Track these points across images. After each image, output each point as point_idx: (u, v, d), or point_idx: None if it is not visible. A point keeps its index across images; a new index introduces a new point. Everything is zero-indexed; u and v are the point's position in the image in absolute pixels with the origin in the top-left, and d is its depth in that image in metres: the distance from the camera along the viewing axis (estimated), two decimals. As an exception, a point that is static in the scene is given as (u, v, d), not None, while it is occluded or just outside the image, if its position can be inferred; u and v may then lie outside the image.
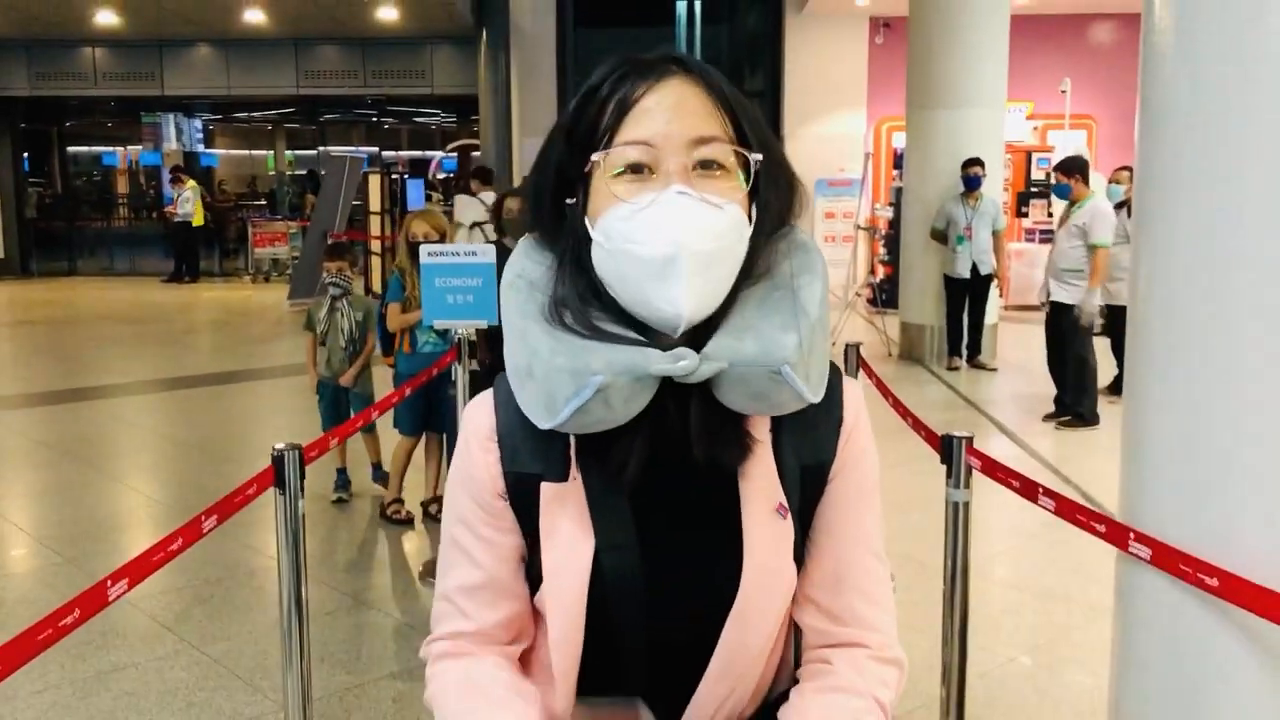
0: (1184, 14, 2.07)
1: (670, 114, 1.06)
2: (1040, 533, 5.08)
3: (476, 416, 1.18)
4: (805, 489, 1.16)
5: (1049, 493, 2.47)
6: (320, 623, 4.06)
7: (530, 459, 1.13)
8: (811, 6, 14.32)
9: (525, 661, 1.23)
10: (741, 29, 16.53)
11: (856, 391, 1.20)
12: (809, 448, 1.15)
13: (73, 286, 17.60)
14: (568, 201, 1.12)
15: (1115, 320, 7.43)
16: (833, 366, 1.16)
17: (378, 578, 4.71)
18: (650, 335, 1.07)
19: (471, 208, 11.12)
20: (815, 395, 1.07)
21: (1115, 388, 7.52)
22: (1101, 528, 2.25)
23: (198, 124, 26.89)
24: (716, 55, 15.90)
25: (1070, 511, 2.37)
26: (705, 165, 1.07)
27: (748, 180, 1.09)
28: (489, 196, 11.11)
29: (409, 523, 5.27)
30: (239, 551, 4.83)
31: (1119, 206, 7.62)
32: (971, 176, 9.07)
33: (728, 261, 1.07)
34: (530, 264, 1.15)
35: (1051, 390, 7.55)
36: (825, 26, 14.63)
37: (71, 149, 23.67)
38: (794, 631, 1.25)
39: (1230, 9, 1.96)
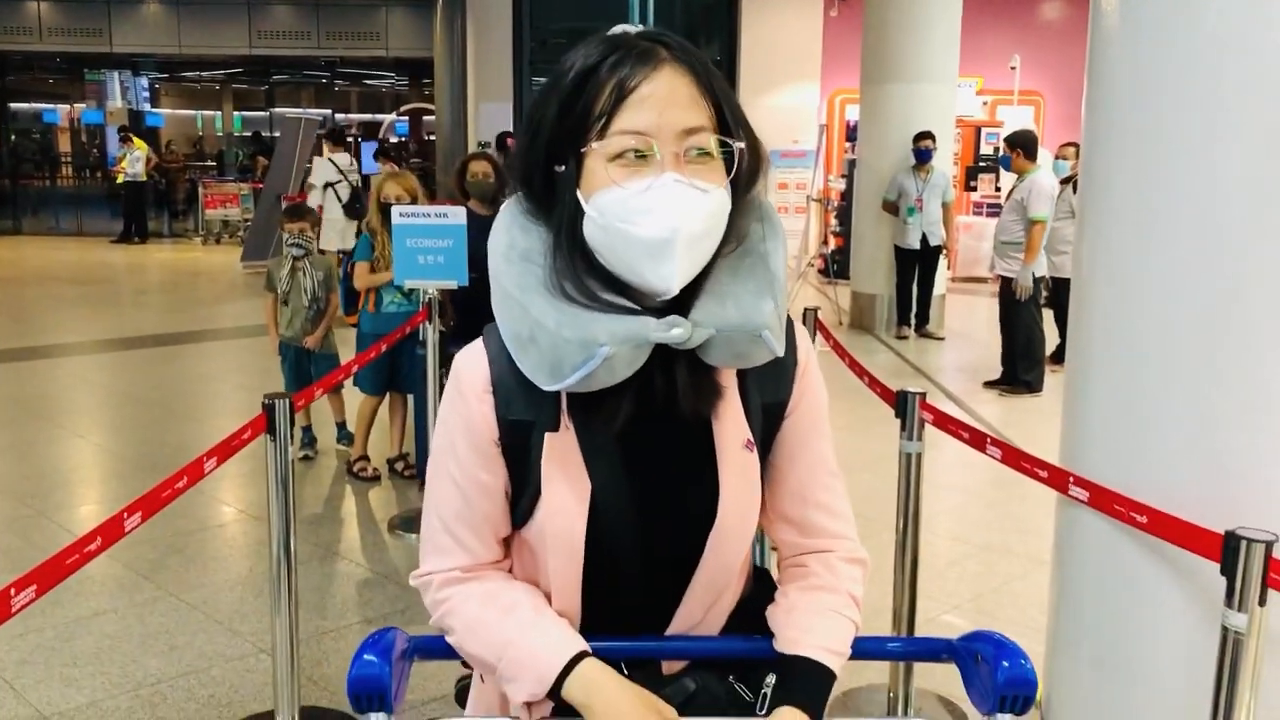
0: None
1: (664, 104, 1.16)
2: (983, 491, 5.33)
3: (472, 368, 1.29)
4: (766, 424, 1.33)
5: (996, 442, 2.67)
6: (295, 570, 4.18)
7: (524, 408, 1.25)
8: (768, -23, 14.42)
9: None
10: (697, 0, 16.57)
11: (805, 335, 1.37)
12: (769, 388, 1.32)
13: (18, 246, 17.33)
14: (556, 169, 1.22)
15: (1059, 292, 7.68)
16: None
17: (347, 530, 4.84)
18: (638, 299, 1.20)
19: (323, 169, 11.50)
20: (783, 349, 1.23)
21: (1058, 357, 7.78)
22: (1044, 473, 2.45)
23: (144, 82, 26.39)
24: (671, 24, 15.93)
25: (1015, 459, 2.57)
26: (695, 153, 1.18)
27: (729, 165, 1.21)
28: (341, 158, 11.65)
29: (375, 479, 5.39)
30: (209, 505, 4.93)
31: (1065, 181, 7.87)
32: (923, 149, 9.29)
33: (712, 237, 1.19)
34: (520, 235, 1.24)
35: (996, 358, 7.81)
36: (781, -2, 14.75)
37: (13, 105, 23.16)
38: (753, 552, 1.43)
39: (1170, -3, 2.14)
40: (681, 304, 1.19)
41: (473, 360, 1.29)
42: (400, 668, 1.20)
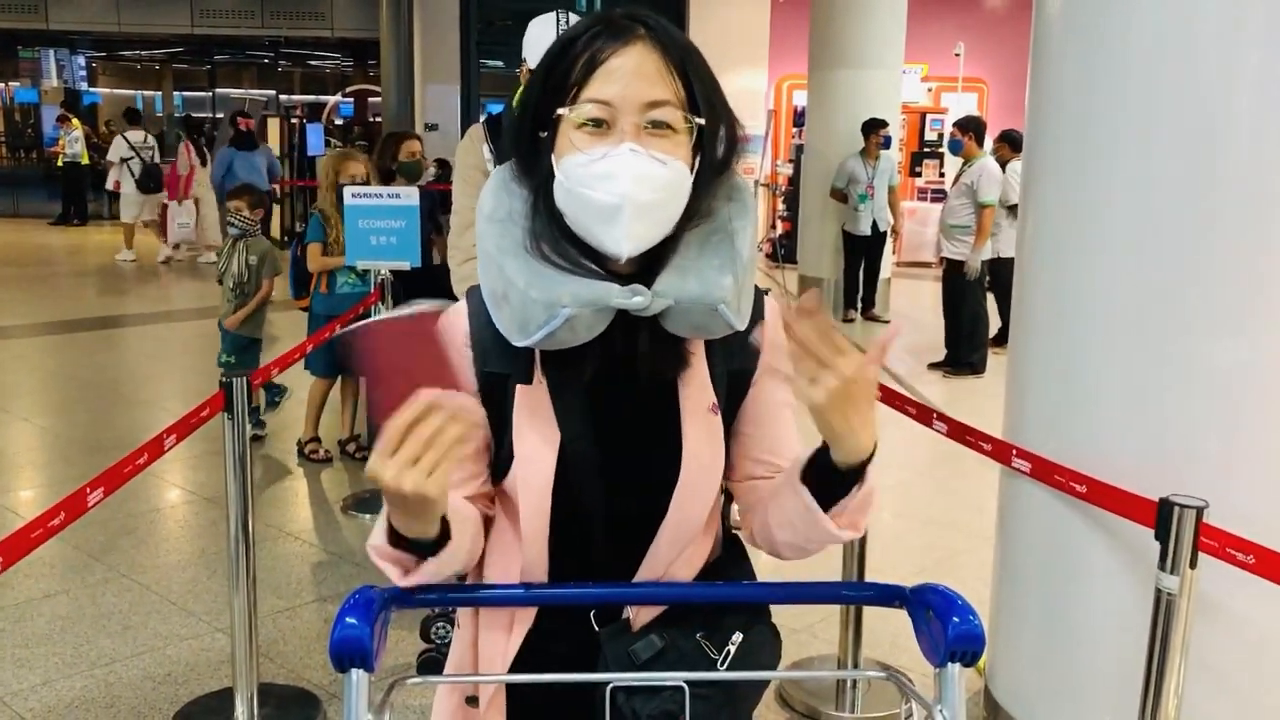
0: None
1: (630, 77, 1.22)
2: (926, 469, 5.45)
3: (453, 324, 1.34)
4: (731, 390, 1.39)
5: (942, 417, 2.76)
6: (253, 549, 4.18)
7: (499, 361, 1.31)
8: (716, -38, 14.44)
9: (492, 536, 1.41)
10: (646, -18, 16.52)
11: (774, 307, 1.42)
12: (736, 356, 1.38)
13: (-49, 227, 16.93)
14: (540, 134, 1.29)
15: (999, 272, 7.82)
16: (757, 290, 1.38)
17: (300, 511, 4.84)
18: (606, 264, 1.26)
19: (119, 146, 12.94)
20: (742, 323, 1.28)
21: (1000, 340, 7.92)
22: (988, 446, 2.54)
23: (80, 61, 25.84)
24: (617, 6, 15.89)
25: (960, 433, 2.65)
26: (656, 125, 1.22)
27: (692, 138, 1.27)
28: (135, 135, 12.97)
29: (327, 461, 5.38)
30: (160, 487, 4.90)
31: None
32: (885, 139, 9.40)
33: (668, 207, 1.24)
34: (506, 197, 1.32)
35: (939, 340, 7.95)
36: (729, -18, 14.77)
37: (-57, 83, 22.58)
38: (723, 518, 1.48)
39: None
40: (649, 274, 1.25)
41: (455, 318, 1.35)
42: (379, 624, 1.24)
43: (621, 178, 1.20)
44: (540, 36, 2.91)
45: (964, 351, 7.67)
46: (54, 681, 3.22)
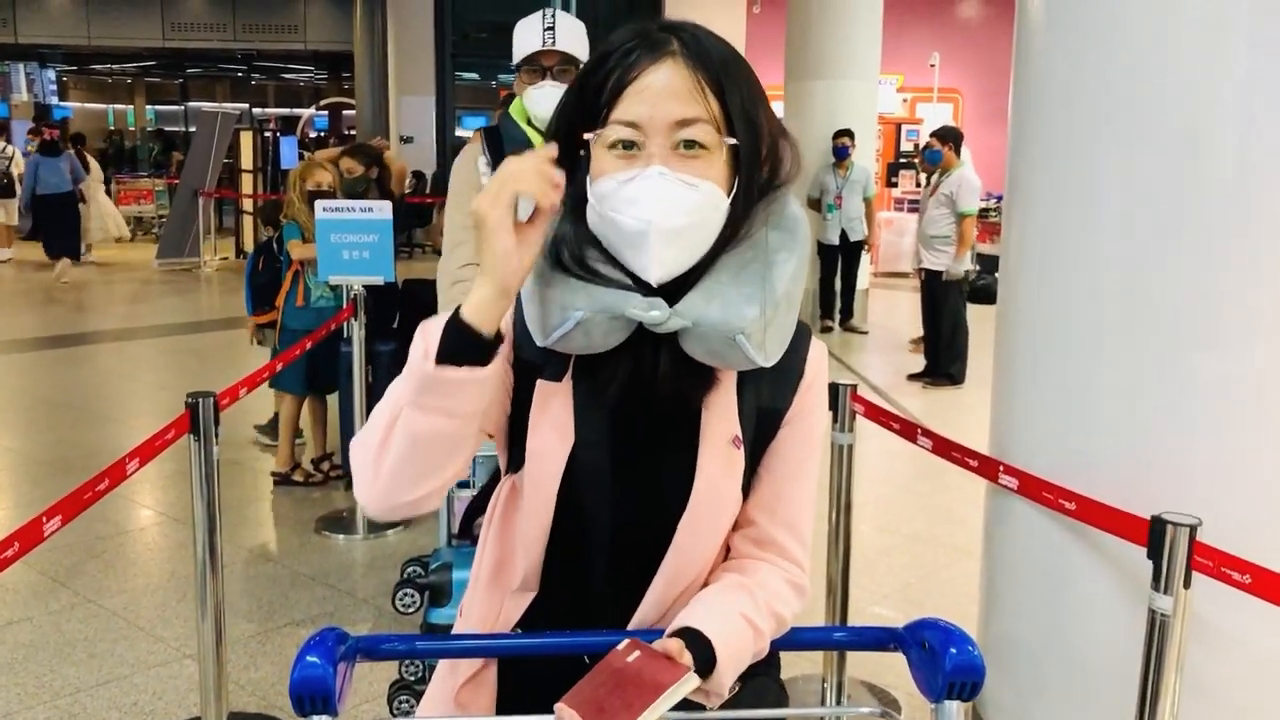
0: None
1: (659, 96, 1.18)
2: (908, 483, 5.41)
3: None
4: (759, 428, 1.32)
5: (927, 433, 2.70)
6: (221, 573, 4.09)
7: (534, 352, 1.27)
8: (691, -27, 14.45)
9: (502, 535, 1.36)
10: (620, -6, 16.55)
11: (821, 354, 1.37)
12: (768, 393, 1.32)
13: (-82, 243, 16.68)
14: (580, 154, 1.24)
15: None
16: (804, 327, 1.33)
17: (272, 532, 4.74)
18: (642, 283, 1.21)
19: None
20: (768, 360, 1.22)
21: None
22: (974, 462, 2.49)
23: (51, 75, 25.63)
24: (593, 19, 15.92)
25: (946, 449, 2.60)
26: (687, 145, 1.18)
27: (730, 157, 1.22)
28: None
29: (322, 483, 5.26)
30: (128, 509, 4.80)
31: None
32: (840, 147, 9.38)
33: (700, 231, 1.20)
34: None
35: (919, 352, 7.93)
36: (704, -6, 14.79)
37: (-90, 97, 22.34)
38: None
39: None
40: (680, 293, 1.21)
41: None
42: (343, 668, 1.17)
43: (647, 202, 1.17)
44: (523, 36, 2.86)
45: (943, 362, 7.66)
46: (14, 714, 3.12)
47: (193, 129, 16.43)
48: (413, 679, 2.95)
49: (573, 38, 2.86)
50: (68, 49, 19.92)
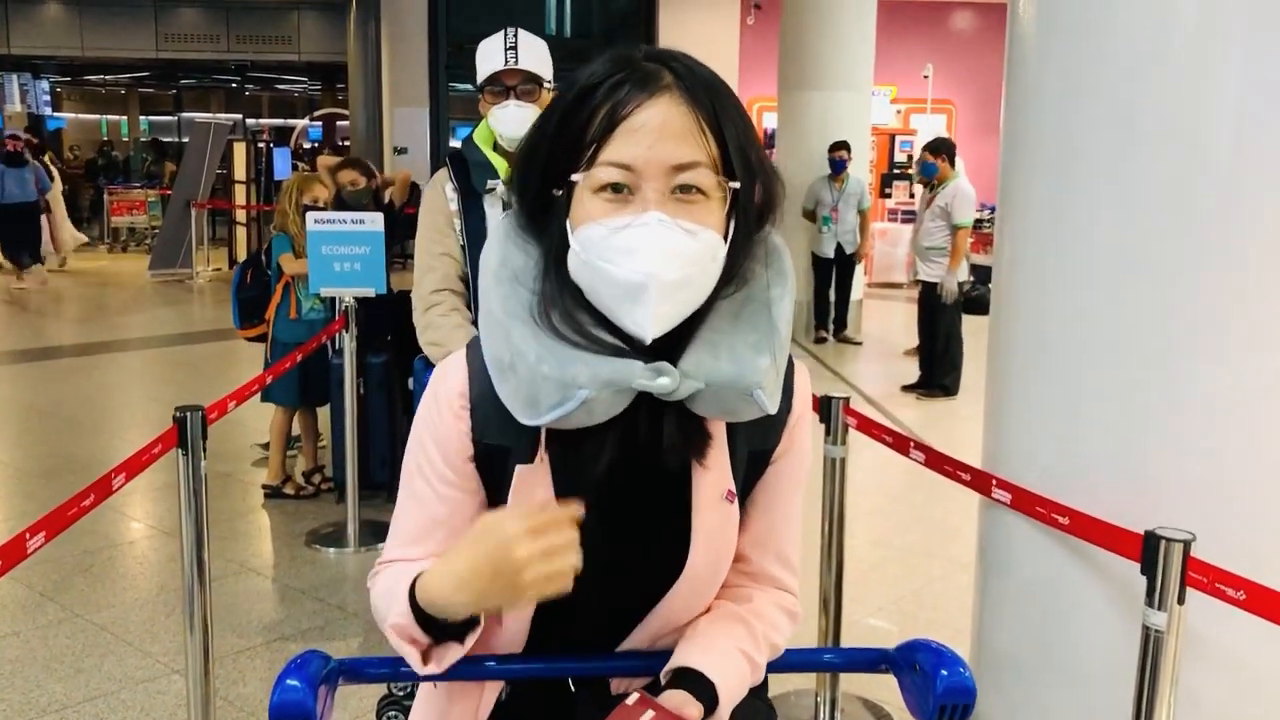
0: (1045, 1, 2.29)
1: (655, 136, 1.08)
2: (901, 495, 5.39)
3: (451, 381, 1.21)
4: (750, 471, 1.26)
5: (920, 446, 2.69)
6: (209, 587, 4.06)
7: (500, 433, 1.17)
8: (685, -15, 14.49)
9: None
10: (614, 4, 16.59)
11: (805, 384, 1.29)
12: (758, 435, 1.24)
13: (-90, 254, 16.62)
14: (555, 192, 1.14)
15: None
16: (789, 358, 1.24)
17: (263, 546, 4.71)
18: (629, 338, 1.11)
19: None
20: (775, 407, 1.15)
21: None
22: (967, 476, 2.47)
23: (45, 85, 25.62)
24: (587, 30, 15.94)
25: (939, 463, 2.59)
26: (684, 190, 1.09)
27: (726, 201, 1.12)
28: None
29: (314, 496, 5.23)
30: (119, 522, 4.77)
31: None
32: (837, 160, 9.38)
33: (698, 283, 1.11)
34: (514, 251, 1.16)
35: (913, 362, 7.92)
36: (698, 4, 14.85)
37: (-96, 107, 22.28)
38: None
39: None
40: (676, 346, 1.12)
41: (453, 372, 1.22)
42: (324, 692, 1.15)
43: (646, 253, 1.06)
44: (485, 57, 2.85)
45: (936, 373, 7.65)
46: (1, 730, 3.09)
47: (186, 140, 16.39)
48: (402, 694, 2.92)
49: (535, 56, 2.85)
50: (61, 60, 19.91)
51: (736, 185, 1.12)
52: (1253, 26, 2.02)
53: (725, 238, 1.13)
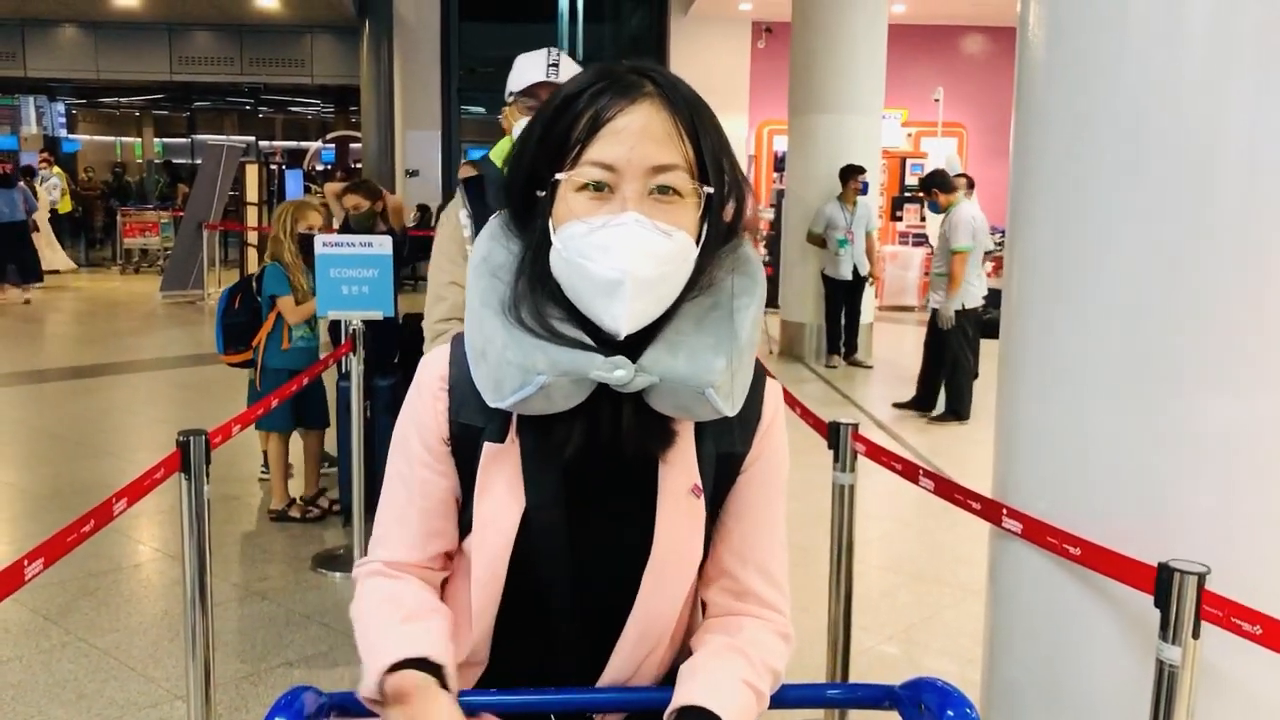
0: (1055, 25, 2.27)
1: (636, 139, 1.14)
2: (912, 520, 5.34)
3: (432, 366, 1.29)
4: (719, 474, 1.28)
5: (929, 474, 2.65)
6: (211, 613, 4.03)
7: (475, 414, 1.24)
8: (696, 9, 14.55)
9: (451, 605, 1.32)
10: (626, 29, 16.67)
11: (777, 393, 1.33)
12: (727, 438, 1.27)
13: (-75, 274, 16.71)
14: (538, 193, 1.20)
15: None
16: (760, 367, 1.28)
17: (267, 569, 4.68)
18: (597, 334, 1.17)
19: None
20: (733, 409, 1.18)
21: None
22: (977, 505, 2.43)
23: (60, 108, 25.83)
24: (600, 55, 16.02)
25: (948, 491, 2.55)
26: (662, 191, 1.15)
27: (701, 205, 1.18)
28: None
29: (321, 518, 5.21)
30: (124, 545, 4.75)
31: None
32: (864, 185, 9.44)
33: (671, 282, 1.16)
34: (497, 248, 1.23)
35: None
36: (709, 29, 14.90)
37: (-79, 130, 22.50)
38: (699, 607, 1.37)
39: (1096, 19, 2.16)
40: (640, 344, 1.17)
41: (436, 358, 1.30)
42: (315, 731, 1.13)
43: (623, 250, 1.12)
44: (524, 68, 2.84)
45: (950, 399, 7.62)
46: (1, 756, 3.06)
47: (198, 161, 16.47)
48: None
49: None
50: (76, 82, 20.05)
51: (710, 190, 1.18)
52: (1264, 51, 1.99)
53: (697, 242, 1.18)
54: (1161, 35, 2.07)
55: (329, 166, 22.97)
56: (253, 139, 23.84)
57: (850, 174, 9.37)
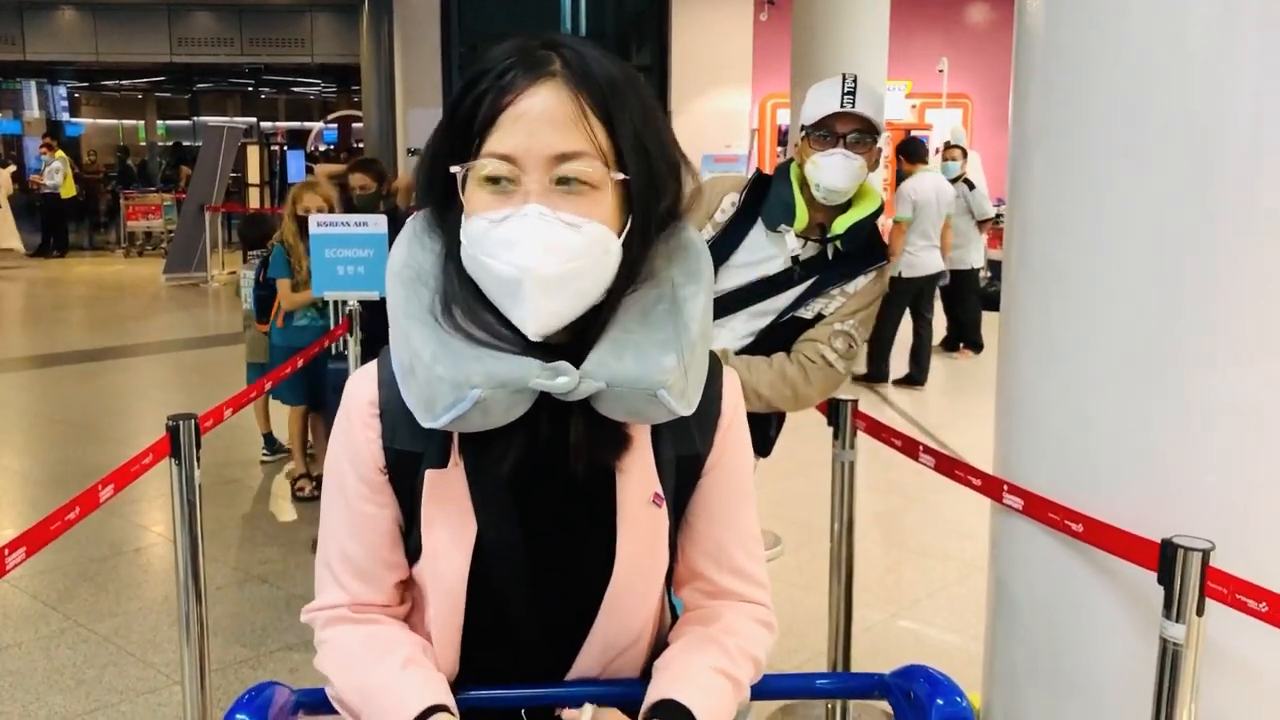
0: (1053, -3, 2.21)
1: (536, 125, 1.04)
2: (916, 494, 5.30)
3: (359, 390, 1.18)
4: (680, 478, 1.20)
5: (929, 450, 2.61)
6: (211, 597, 4.00)
7: (411, 438, 1.14)
8: (698, -18, 14.41)
9: (416, 628, 1.25)
10: (628, 3, 16.53)
11: (735, 387, 1.24)
12: (686, 439, 1.19)
13: (-71, 260, 16.75)
14: (452, 171, 1.10)
15: (961, 284, 8.52)
16: (713, 359, 1.19)
17: (268, 552, 4.66)
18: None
19: None
20: (689, 408, 1.10)
21: (949, 344, 8.91)
22: (978, 481, 2.39)
23: (62, 91, 25.77)
24: (602, 30, 15.88)
25: (949, 467, 2.51)
26: (566, 182, 1.05)
27: (621, 193, 1.08)
28: None
29: (315, 499, 5.20)
30: (125, 529, 4.73)
31: (954, 181, 8.50)
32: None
33: (585, 278, 1.06)
34: (419, 250, 1.14)
35: (905, 351, 8.01)
36: (711, 2, 14.75)
37: (-77, 115, 22.48)
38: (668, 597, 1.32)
39: (1095, -6, 2.10)
40: (583, 345, 1.08)
41: (362, 382, 1.19)
42: (282, 728, 1.09)
43: (523, 246, 1.03)
44: (818, 98, 2.67)
45: (870, 362, 7.77)
46: (-1, 744, 3.05)
47: (200, 143, 16.42)
48: None
49: (872, 104, 2.64)
50: (77, 65, 19.98)
51: (623, 177, 1.07)
52: (1268, 17, 1.93)
53: (620, 233, 1.08)
54: (1163, 4, 2.01)
55: (330, 146, 22.92)
56: (255, 120, 23.78)
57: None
